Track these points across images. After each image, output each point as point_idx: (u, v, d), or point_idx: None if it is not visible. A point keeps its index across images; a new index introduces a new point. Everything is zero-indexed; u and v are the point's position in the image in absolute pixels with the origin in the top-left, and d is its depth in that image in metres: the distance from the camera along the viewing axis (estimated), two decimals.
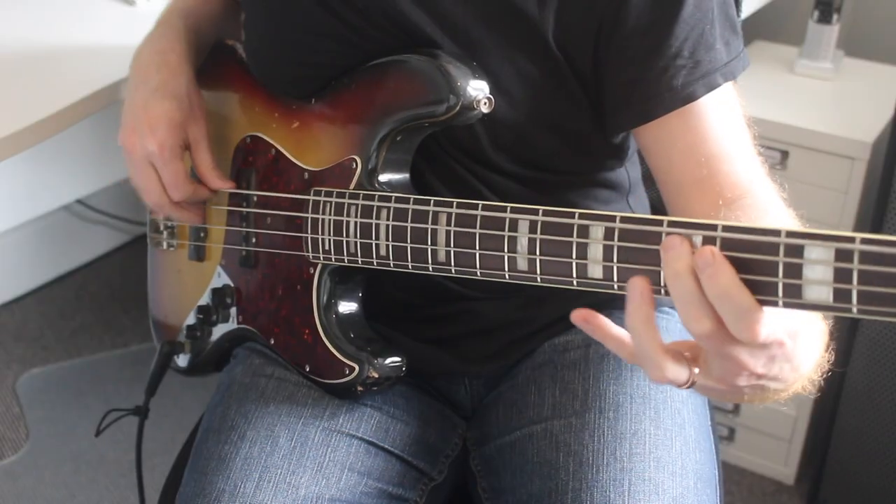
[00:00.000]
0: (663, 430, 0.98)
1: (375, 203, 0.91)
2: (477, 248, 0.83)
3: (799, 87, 1.90)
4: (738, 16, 0.99)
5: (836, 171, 1.73)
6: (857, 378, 1.76)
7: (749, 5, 1.82)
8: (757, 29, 2.09)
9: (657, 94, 0.91)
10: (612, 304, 1.07)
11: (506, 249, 0.81)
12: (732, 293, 0.66)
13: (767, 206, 0.89)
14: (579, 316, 0.73)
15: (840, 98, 1.87)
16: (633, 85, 0.92)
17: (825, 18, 1.87)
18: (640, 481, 0.93)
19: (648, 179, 1.12)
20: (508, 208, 0.81)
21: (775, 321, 0.68)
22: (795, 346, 0.71)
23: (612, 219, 0.75)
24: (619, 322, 1.06)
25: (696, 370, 0.72)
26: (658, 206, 1.14)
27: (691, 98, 0.91)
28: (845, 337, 1.77)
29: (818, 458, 1.88)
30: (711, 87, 0.92)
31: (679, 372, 0.71)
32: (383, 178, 0.94)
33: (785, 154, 1.76)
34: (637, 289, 0.70)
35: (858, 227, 1.77)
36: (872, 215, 1.66)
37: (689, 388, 0.72)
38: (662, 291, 0.72)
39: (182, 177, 1.02)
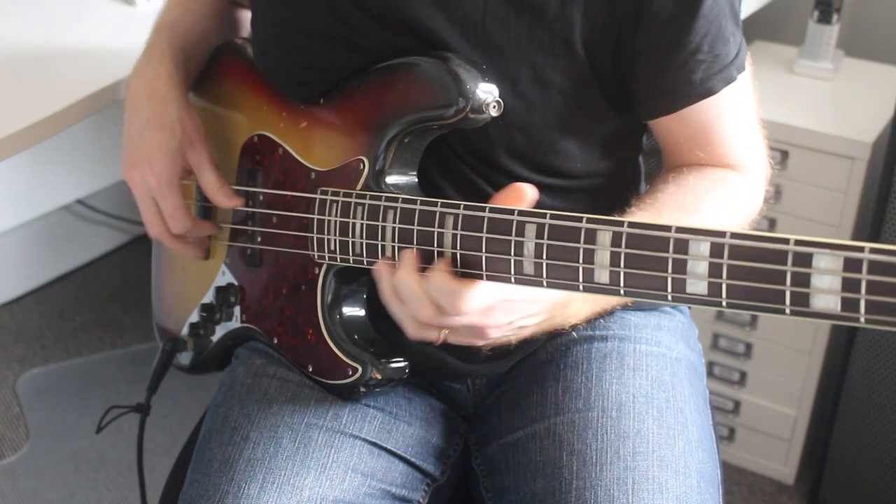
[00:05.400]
0: (666, 429, 0.98)
1: (382, 204, 0.90)
2: (483, 251, 0.83)
3: (799, 87, 1.90)
4: (739, 9, 1.01)
5: (836, 171, 1.73)
6: (857, 378, 1.76)
7: (749, 5, 1.83)
8: (757, 29, 2.09)
9: (676, 89, 0.94)
10: None
11: (512, 253, 0.81)
12: (441, 283, 0.82)
13: (725, 185, 0.97)
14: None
15: (840, 98, 1.87)
16: (652, 79, 0.94)
17: (825, 18, 1.87)
18: (643, 480, 0.93)
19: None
20: (516, 211, 0.81)
21: (477, 298, 0.81)
22: (515, 309, 0.84)
23: (620, 224, 0.75)
24: (620, 321, 1.07)
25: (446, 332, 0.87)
26: None
27: (710, 93, 0.94)
28: (845, 337, 1.78)
29: (818, 458, 1.88)
30: (728, 82, 0.96)
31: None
32: (390, 179, 0.94)
33: (785, 154, 1.76)
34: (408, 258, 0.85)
35: (858, 228, 1.77)
36: (872, 215, 1.66)
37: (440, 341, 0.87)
38: (669, 297, 0.73)
39: (180, 210, 1.03)
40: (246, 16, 1.17)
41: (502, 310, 0.84)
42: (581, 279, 0.78)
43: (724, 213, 0.96)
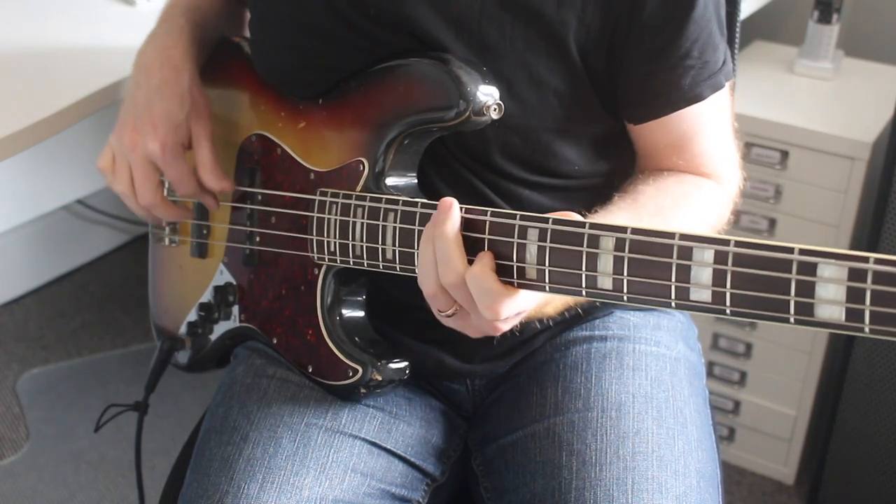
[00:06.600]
0: (666, 429, 0.98)
1: (383, 206, 0.90)
2: None
3: (799, 87, 1.90)
4: (738, 15, 1.00)
5: (836, 171, 1.73)
6: (857, 378, 1.76)
7: (749, 5, 1.83)
8: (757, 29, 2.09)
9: (665, 93, 0.94)
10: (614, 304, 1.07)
11: (514, 258, 0.81)
12: (485, 281, 0.79)
13: (693, 191, 0.97)
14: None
15: (840, 98, 1.87)
16: (642, 82, 0.94)
17: (825, 18, 1.87)
18: (643, 480, 0.93)
19: None
20: (518, 216, 0.81)
21: (513, 306, 0.80)
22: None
23: (624, 230, 0.75)
24: (620, 321, 1.07)
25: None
26: None
27: (698, 99, 0.95)
28: (845, 337, 1.77)
29: (818, 458, 1.88)
30: (716, 89, 0.96)
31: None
32: (390, 181, 0.94)
33: (785, 154, 1.76)
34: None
35: (858, 228, 1.77)
36: (872, 215, 1.66)
37: (451, 315, 0.84)
38: (673, 304, 0.73)
39: (187, 174, 1.02)
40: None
41: (522, 315, 0.84)
42: (584, 285, 0.78)
43: (699, 220, 0.96)
